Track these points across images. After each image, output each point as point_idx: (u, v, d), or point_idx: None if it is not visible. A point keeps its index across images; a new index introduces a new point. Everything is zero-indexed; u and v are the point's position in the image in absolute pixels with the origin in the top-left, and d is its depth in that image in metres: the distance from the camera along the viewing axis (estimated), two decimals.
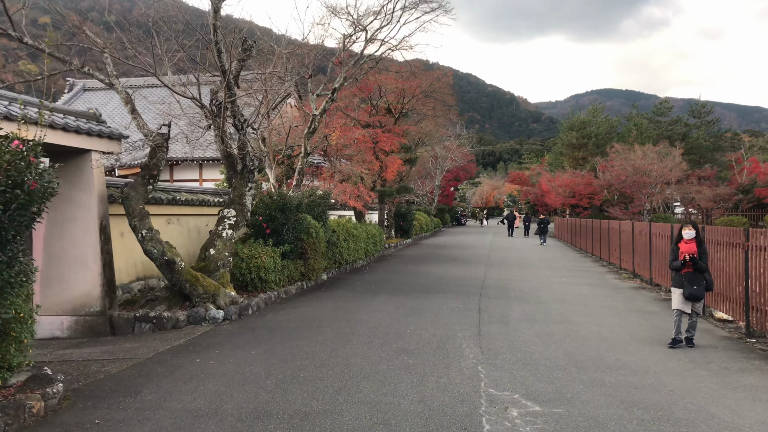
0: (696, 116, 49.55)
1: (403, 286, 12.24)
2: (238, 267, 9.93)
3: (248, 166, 9.37)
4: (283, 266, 10.76)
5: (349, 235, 15.12)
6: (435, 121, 24.77)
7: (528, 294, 11.39)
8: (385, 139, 18.37)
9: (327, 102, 12.87)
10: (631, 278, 14.35)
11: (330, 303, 10.04)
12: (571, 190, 36.09)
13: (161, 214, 10.43)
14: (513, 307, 9.78)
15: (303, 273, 11.65)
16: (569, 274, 15.21)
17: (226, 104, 8.62)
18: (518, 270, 15.93)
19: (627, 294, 11.73)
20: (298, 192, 12.94)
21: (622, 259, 16.11)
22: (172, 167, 28.03)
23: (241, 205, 9.45)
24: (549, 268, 16.88)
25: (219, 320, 8.33)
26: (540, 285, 12.79)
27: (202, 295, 8.48)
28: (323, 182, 19.02)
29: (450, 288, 12.07)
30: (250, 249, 10.18)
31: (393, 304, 9.89)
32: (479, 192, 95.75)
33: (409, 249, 24.05)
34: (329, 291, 11.53)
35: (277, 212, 10.71)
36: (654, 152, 34.57)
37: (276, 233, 10.77)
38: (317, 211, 12.98)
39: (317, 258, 12.12)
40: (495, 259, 19.13)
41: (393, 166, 20.57)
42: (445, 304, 10.03)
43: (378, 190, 23.08)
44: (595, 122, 46.75)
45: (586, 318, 8.93)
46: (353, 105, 20.08)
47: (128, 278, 9.46)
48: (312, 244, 11.79)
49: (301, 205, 11.42)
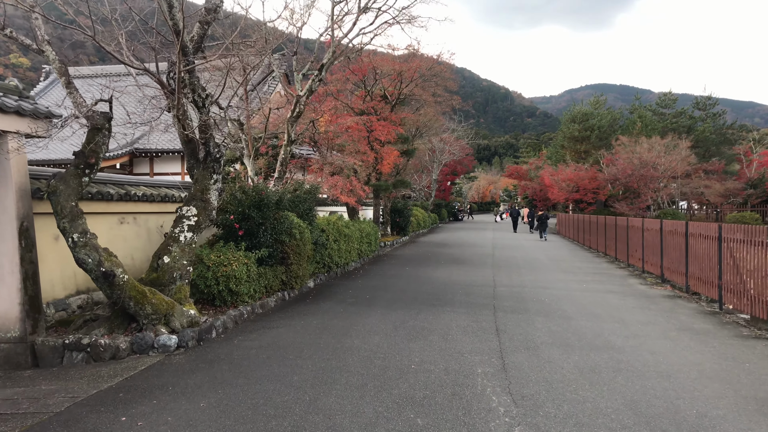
0: (701, 108, 48.08)
1: (402, 296, 10.52)
2: (202, 277, 8.16)
3: (212, 153, 7.58)
4: (259, 274, 9.00)
5: (340, 234, 13.36)
6: (435, 108, 22.94)
7: (549, 305, 9.69)
8: (380, 127, 16.58)
9: (314, 81, 11.07)
10: (659, 284, 12.69)
11: (315, 320, 8.29)
12: (576, 184, 34.44)
13: (112, 213, 8.64)
14: (536, 325, 8.07)
15: (284, 281, 9.89)
16: (588, 278, 13.53)
17: (182, 74, 6.81)
18: (530, 273, 14.24)
19: (663, 305, 10.05)
20: (280, 186, 11.17)
21: (645, 261, 14.45)
22: (152, 159, 26.16)
23: (205, 202, 7.67)
24: (563, 270, 15.20)
25: (171, 348, 6.56)
26: (560, 293, 11.10)
27: (151, 315, 6.71)
28: (313, 175, 17.25)
29: (457, 298, 10.35)
30: (218, 255, 8.41)
31: (391, 322, 8.16)
32: (475, 187, 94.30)
33: (407, 248, 22.32)
34: (315, 303, 9.77)
35: (253, 210, 8.93)
36: (661, 145, 32.96)
37: (251, 235, 8.99)
38: (303, 207, 11.22)
39: (302, 263, 10.36)
40: (501, 260, 17.44)
41: (389, 158, 18.79)
42: (454, 320, 8.31)
43: (373, 184, 21.30)
44: (597, 114, 45.08)
45: (629, 341, 7.24)
46: (346, 91, 18.29)
47: (65, 292, 7.67)
48: (295, 246, 10.02)
49: (282, 202, 9.65)
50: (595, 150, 40.41)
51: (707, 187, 33.95)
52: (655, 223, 13.84)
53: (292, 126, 11.26)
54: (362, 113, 16.82)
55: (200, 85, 7.25)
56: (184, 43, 6.63)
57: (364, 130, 16.24)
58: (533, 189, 57.07)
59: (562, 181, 34.84)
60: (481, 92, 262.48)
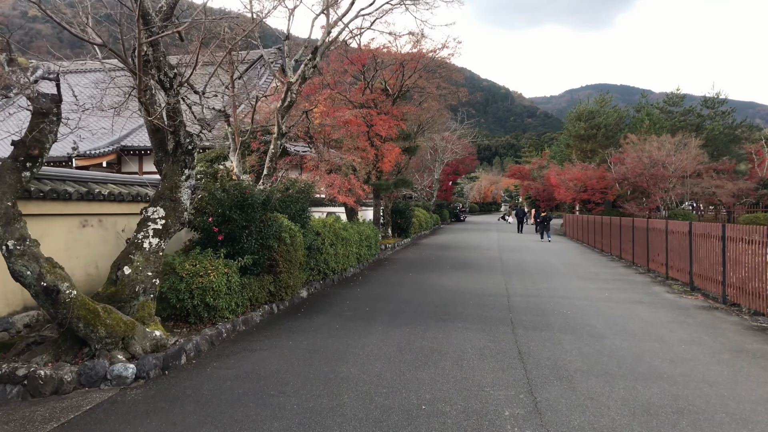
0: (709, 107, 46.85)
1: (406, 308, 9.34)
2: (174, 289, 7.00)
3: (183, 143, 6.41)
4: (242, 285, 7.82)
5: (337, 237, 12.19)
6: (440, 101, 21.72)
7: (574, 320, 8.52)
8: (381, 122, 15.41)
9: (307, 67, 9.90)
10: (688, 292, 11.52)
11: (305, 340, 7.11)
12: (583, 184, 33.24)
13: (71, 214, 7.47)
14: (564, 346, 6.90)
15: (272, 292, 8.71)
16: (608, 286, 12.36)
17: (143, 48, 5.65)
18: (545, 280, 13.06)
19: (701, 319, 8.88)
20: (270, 184, 10.00)
21: (670, 267, 13.28)
22: (141, 157, 24.97)
23: (174, 202, 6.50)
24: (579, 276, 14.02)
25: (127, 380, 5.39)
26: (582, 304, 9.93)
27: (105, 339, 5.54)
28: (309, 174, 16.09)
29: (468, 310, 9.17)
30: (193, 263, 7.25)
31: (395, 342, 6.99)
32: (477, 187, 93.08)
33: (409, 251, 21.14)
34: (308, 317, 8.59)
35: (235, 211, 7.76)
36: (672, 143, 31.77)
37: (232, 240, 7.82)
38: (295, 208, 10.05)
39: (293, 271, 9.19)
40: (510, 264, 16.27)
41: (390, 155, 17.62)
42: (467, 339, 7.15)
43: (373, 183, 20.13)
44: (603, 112, 43.87)
45: (677, 367, 6.07)
46: (344, 83, 17.13)
47: (8, 309, 6.49)
48: (285, 253, 8.85)
49: (270, 202, 8.48)
50: (602, 149, 39.22)
51: (719, 186, 32.77)
52: (681, 225, 12.67)
53: (283, 117, 10.09)
54: (362, 107, 15.65)
55: (167, 62, 6.08)
56: (145, 9, 5.46)
57: (364, 125, 15.07)
58: (536, 189, 55.87)
59: (569, 180, 33.64)
60: (482, 92, 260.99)
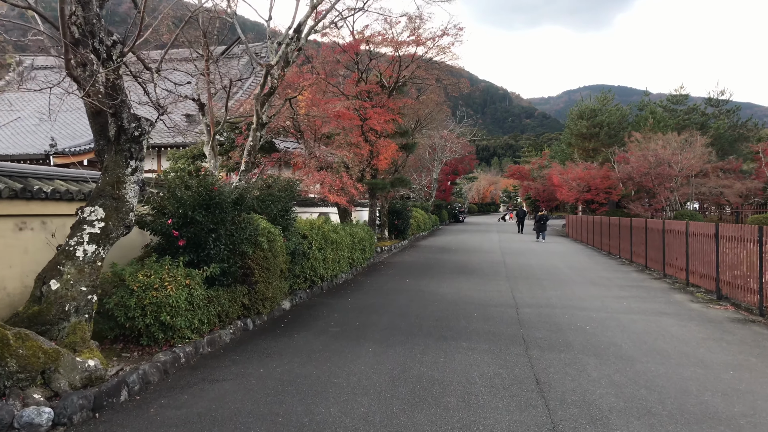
0: (714, 105, 45.81)
1: (402, 322, 8.18)
2: (123, 305, 5.82)
3: (128, 129, 5.24)
4: (208, 299, 6.65)
5: (326, 241, 11.02)
6: (439, 94, 20.51)
7: (595, 336, 7.37)
8: (375, 115, 14.23)
9: (289, 48, 8.73)
10: (714, 301, 10.39)
11: (280, 367, 5.94)
12: (587, 183, 32.13)
13: (5, 215, 6.30)
14: (590, 373, 5.75)
15: (246, 305, 7.52)
16: (624, 294, 11.22)
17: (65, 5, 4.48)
18: (554, 287, 11.92)
19: (741, 335, 7.73)
20: (247, 181, 8.83)
21: (691, 272, 12.14)
22: None
23: (117, 200, 5.33)
24: (591, 282, 12.88)
25: (41, 428, 4.22)
26: (600, 316, 8.78)
27: (17, 374, 4.37)
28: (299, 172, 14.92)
29: (473, 325, 8.02)
30: (147, 273, 6.07)
31: (387, 368, 5.83)
32: (476, 187, 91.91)
33: (406, 254, 19.98)
34: (287, 334, 7.42)
35: (199, 212, 6.59)
36: (679, 141, 30.67)
37: (196, 246, 6.65)
38: (276, 208, 8.88)
39: (272, 280, 8.01)
40: (516, 269, 15.11)
41: (386, 152, 16.45)
42: (475, 365, 5.99)
43: (368, 182, 18.95)
44: (605, 111, 42.79)
45: (735, 404, 4.93)
46: (336, 74, 15.95)
47: None
48: (262, 259, 7.67)
49: (244, 201, 7.31)
50: (604, 148, 38.15)
51: (726, 186, 31.71)
52: (705, 227, 11.53)
53: (263, 106, 8.92)
54: (356, 98, 14.46)
55: (104, 27, 4.90)
56: None
57: (357, 118, 13.90)
58: (536, 189, 54.85)
59: (572, 180, 32.52)
60: (480, 93, 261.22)
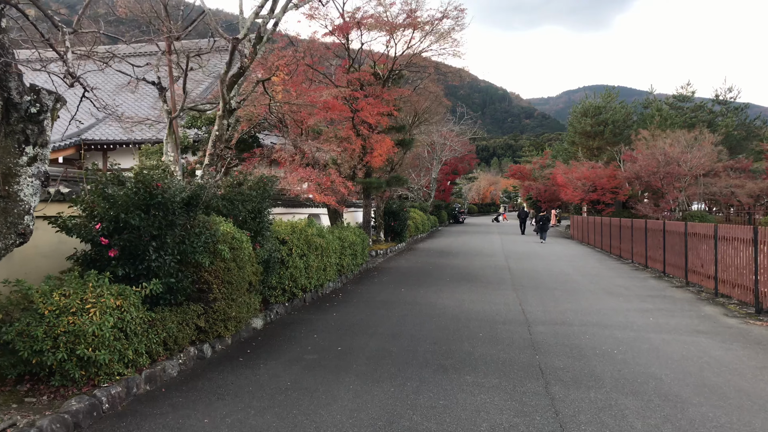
0: (721, 103, 44.51)
1: (393, 345, 6.85)
2: (28, 336, 4.50)
3: (20, 104, 3.91)
4: (149, 323, 5.31)
5: (309, 247, 9.68)
6: (438, 84, 19.13)
7: (627, 365, 6.04)
8: (368, 106, 12.91)
9: (263, 21, 7.39)
10: (753, 316, 9.06)
11: (231, 415, 4.60)
12: (592, 183, 30.78)
13: None
14: (632, 422, 4.43)
15: (203, 328, 6.17)
16: (647, 306, 9.89)
17: None
18: (567, 296, 10.59)
19: None
20: (211, 176, 7.50)
21: (721, 281, 10.82)
22: (105, 152, 22.46)
23: (6, 199, 4.00)
24: (606, 291, 11.55)
25: None
26: (626, 336, 7.45)
27: None
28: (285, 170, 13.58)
29: (479, 348, 6.68)
30: (65, 293, 4.75)
31: (369, 419, 4.50)
32: (475, 187, 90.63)
33: (403, 258, 18.65)
34: (251, 365, 6.06)
35: (135, 214, 5.26)
36: (690, 138, 29.36)
37: (132, 256, 5.32)
38: (246, 210, 7.54)
39: (236, 296, 6.67)
40: (522, 275, 13.79)
41: (381, 147, 15.11)
42: (483, 410, 4.66)
43: (361, 181, 17.63)
44: (610, 108, 41.43)
45: None
46: (326, 61, 14.63)
47: None
48: (223, 271, 6.34)
49: (198, 200, 5.97)
50: (610, 146, 36.78)
51: (738, 186, 30.41)
52: (738, 230, 10.21)
53: (231, 89, 7.60)
54: (346, 87, 13.09)
55: None
56: None
57: (347, 110, 12.58)
58: (537, 189, 53.51)
59: (577, 179, 31.17)
60: (479, 93, 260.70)
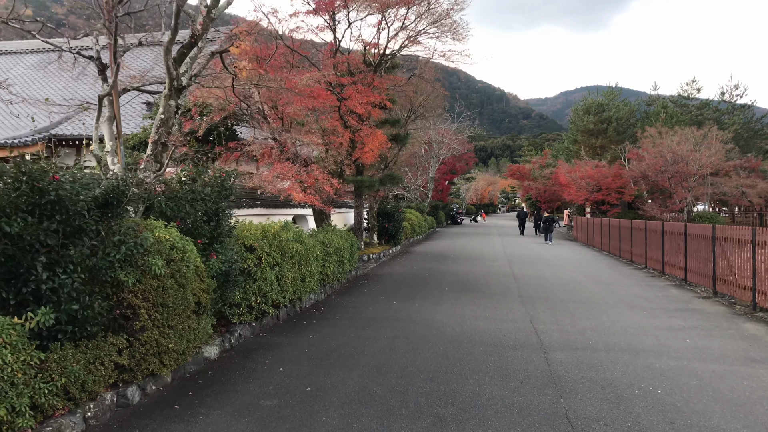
0: (727, 101, 43.17)
1: (376, 385, 5.39)
2: None
3: None
4: (39, 367, 3.86)
5: (283, 254, 8.22)
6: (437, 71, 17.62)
7: (682, 416, 4.61)
8: (357, 95, 11.45)
9: None
10: None
11: None
12: (597, 183, 29.40)
13: None
14: None
15: (126, 367, 4.72)
16: (679, 323, 8.47)
17: None
18: (583, 311, 9.15)
19: None
20: (153, 170, 6.05)
21: (759, 292, 9.41)
22: (79, 149, 20.96)
23: None
24: (627, 304, 10.13)
25: None
26: (667, 367, 6.03)
27: None
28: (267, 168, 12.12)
29: (486, 389, 5.23)
30: None
31: None
32: (474, 188, 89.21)
33: (397, 263, 17.19)
34: (186, 418, 4.57)
35: (18, 218, 3.80)
36: (699, 136, 27.99)
37: (11, 277, 3.86)
38: (196, 210, 6.09)
39: (176, 321, 5.20)
40: (529, 283, 12.35)
41: (372, 142, 13.65)
42: None
43: (353, 180, 16.19)
44: (613, 106, 40.08)
45: None
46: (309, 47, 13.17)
47: None
48: (155, 291, 4.88)
49: (118, 199, 4.52)
50: (614, 145, 35.45)
51: (749, 186, 29.10)
52: None
53: (180, 63, 6.16)
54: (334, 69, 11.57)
55: None
56: None
57: (333, 98, 11.14)
58: (537, 190, 52.20)
59: (582, 179, 29.78)
60: (477, 94, 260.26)
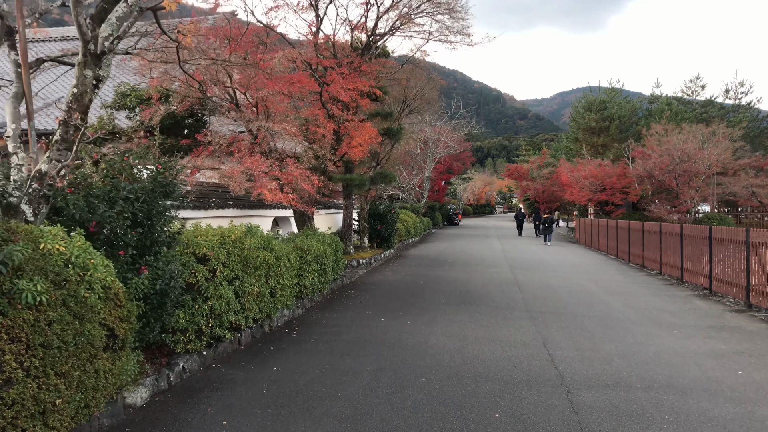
0: (731, 98, 42.00)
1: None
2: None
3: None
4: None
5: (245, 265, 6.80)
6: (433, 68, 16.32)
7: None
8: (341, 80, 10.04)
9: None
10: None
11: None
12: (601, 182, 28.09)
13: None
14: None
15: None
16: (721, 346, 7.11)
17: None
18: (605, 331, 7.77)
19: None
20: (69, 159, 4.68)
21: None
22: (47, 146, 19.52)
23: None
24: (652, 320, 8.75)
25: None
26: (729, 415, 4.66)
27: None
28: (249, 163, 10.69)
29: None
30: None
31: None
32: (471, 188, 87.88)
33: (389, 269, 15.78)
34: None
35: None
36: (708, 133, 26.74)
37: None
38: (118, 213, 4.68)
39: (67, 366, 3.78)
40: (535, 293, 10.98)
41: (361, 135, 12.25)
42: None
43: (341, 178, 14.77)
44: (615, 103, 38.82)
45: None
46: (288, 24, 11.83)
47: None
48: (29, 330, 3.45)
49: None
50: (616, 143, 34.17)
51: (760, 186, 27.86)
52: None
53: (100, 22, 4.76)
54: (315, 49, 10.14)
55: None
56: None
57: (312, 82, 9.71)
58: (536, 190, 50.99)
59: (584, 178, 28.46)
60: (473, 94, 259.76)
